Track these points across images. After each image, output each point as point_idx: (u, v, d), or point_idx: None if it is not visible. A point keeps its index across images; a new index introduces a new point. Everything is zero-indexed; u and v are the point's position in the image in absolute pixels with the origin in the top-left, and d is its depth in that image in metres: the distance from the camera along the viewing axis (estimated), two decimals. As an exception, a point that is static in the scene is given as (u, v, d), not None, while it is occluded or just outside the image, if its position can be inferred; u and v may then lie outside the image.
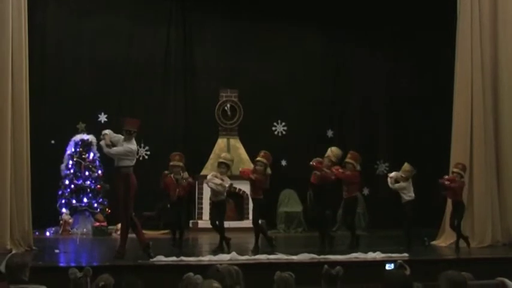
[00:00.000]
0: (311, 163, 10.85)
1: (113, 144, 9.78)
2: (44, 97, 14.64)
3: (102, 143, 9.80)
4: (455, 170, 11.50)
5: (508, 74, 12.29)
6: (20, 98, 10.67)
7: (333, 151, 11.24)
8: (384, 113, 17.12)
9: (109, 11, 15.64)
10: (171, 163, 10.91)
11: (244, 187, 13.68)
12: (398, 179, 11.53)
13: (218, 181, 10.85)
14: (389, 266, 7.43)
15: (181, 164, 10.87)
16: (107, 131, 9.75)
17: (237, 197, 14.80)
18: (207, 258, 9.52)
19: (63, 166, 14.29)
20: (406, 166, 11.56)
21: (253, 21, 16.18)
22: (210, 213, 11.64)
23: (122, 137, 9.75)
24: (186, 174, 11.07)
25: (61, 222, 13.77)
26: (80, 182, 14.17)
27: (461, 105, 12.29)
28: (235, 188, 13.60)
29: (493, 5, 12.35)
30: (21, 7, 10.80)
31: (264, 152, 11.02)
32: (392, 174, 11.74)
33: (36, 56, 13.89)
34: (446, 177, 11.59)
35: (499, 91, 12.34)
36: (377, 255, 10.01)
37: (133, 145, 9.74)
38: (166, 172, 11.00)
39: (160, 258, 9.43)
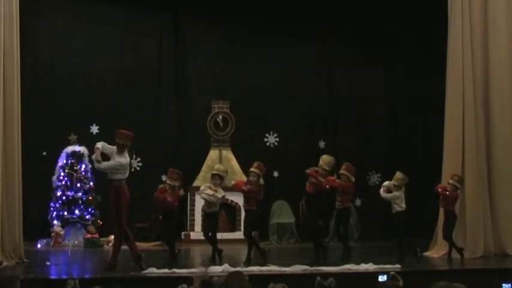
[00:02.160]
0: (306, 171, 10.87)
1: (106, 156, 9.76)
2: (36, 108, 14.57)
3: (93, 157, 9.77)
4: (450, 181, 11.55)
5: (499, 84, 12.34)
6: (12, 109, 10.64)
7: (323, 159, 11.26)
8: (376, 124, 17.13)
9: (101, 22, 15.60)
10: (167, 181, 10.85)
11: (237, 198, 13.66)
12: (391, 189, 11.55)
13: (210, 192, 10.85)
14: (382, 278, 7.41)
15: (177, 183, 10.81)
16: (99, 145, 9.68)
17: (230, 208, 14.77)
18: (199, 270, 9.48)
19: (54, 178, 14.23)
20: (399, 174, 11.60)
21: (245, 33, 16.22)
22: (203, 225, 11.61)
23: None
24: (182, 192, 11.08)
25: (52, 234, 13.69)
26: (72, 193, 14.10)
27: (453, 116, 12.32)
28: (228, 200, 13.57)
29: (484, 15, 12.42)
30: (12, 18, 10.78)
31: (257, 163, 11.08)
32: (385, 183, 11.77)
33: (28, 67, 13.87)
34: (439, 185, 11.65)
35: (490, 101, 12.39)
36: (369, 267, 10.01)
37: (124, 159, 9.69)
38: (162, 186, 11.00)
39: (152, 270, 9.40)
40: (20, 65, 11.00)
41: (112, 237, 11.03)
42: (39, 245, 13.50)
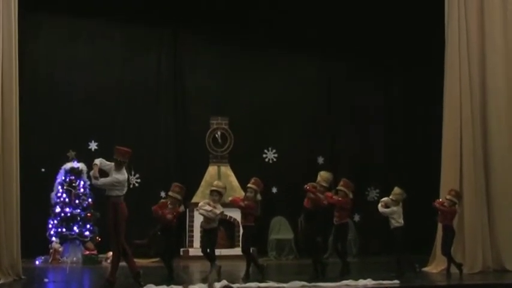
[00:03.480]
0: (305, 186, 10.87)
1: (104, 173, 9.76)
2: (35, 125, 14.60)
3: (91, 173, 9.76)
4: (448, 196, 11.58)
5: (496, 100, 12.38)
6: (10, 126, 10.64)
7: (321, 175, 11.23)
8: (375, 140, 17.17)
9: (101, 37, 15.73)
10: (170, 193, 10.87)
11: (235, 215, 13.67)
12: (389, 204, 11.55)
13: (209, 208, 10.83)
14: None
15: (179, 197, 10.82)
16: (97, 161, 9.68)
17: (228, 224, 14.77)
18: (197, 287, 9.46)
19: (53, 194, 14.25)
20: (396, 190, 11.62)
21: (244, 49, 16.32)
22: (201, 241, 11.59)
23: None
24: (182, 208, 11.05)
25: (51, 250, 13.68)
26: (70, 210, 14.10)
27: (451, 132, 12.35)
28: (226, 216, 13.57)
29: (481, 32, 12.48)
30: (11, 33, 10.79)
31: (254, 178, 11.07)
32: (384, 199, 11.79)
33: (27, 83, 13.86)
34: (437, 201, 11.68)
35: (487, 117, 12.41)
36: (368, 282, 9.98)
37: (122, 175, 9.67)
38: (163, 201, 11.00)
39: (151, 287, 9.37)
40: (18, 80, 11.01)
41: (110, 253, 10.99)
42: (37, 262, 13.48)
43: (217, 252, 11.51)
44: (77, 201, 14.21)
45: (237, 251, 13.16)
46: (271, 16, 15.90)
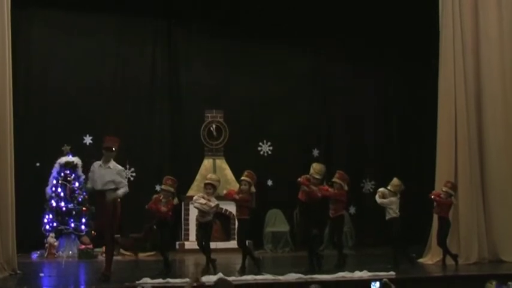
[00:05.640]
0: (298, 179, 10.88)
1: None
2: (29, 119, 14.57)
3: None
4: (444, 188, 11.60)
5: (490, 90, 12.42)
6: (4, 120, 10.61)
7: (314, 168, 11.22)
8: (370, 132, 17.15)
9: (95, 32, 15.63)
10: (162, 186, 10.88)
11: (231, 207, 13.64)
12: (385, 195, 11.57)
13: (203, 201, 10.83)
14: (374, 285, 7.44)
15: (172, 189, 10.81)
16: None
17: (223, 217, 14.76)
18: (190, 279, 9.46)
19: (48, 189, 14.21)
20: (395, 181, 11.66)
21: (240, 41, 16.24)
22: (197, 234, 11.59)
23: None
24: (176, 200, 11.04)
25: (46, 245, 13.65)
26: (66, 204, 14.08)
27: (445, 124, 12.37)
28: (221, 209, 13.56)
29: (475, 22, 12.49)
30: (4, 27, 10.76)
31: (247, 171, 11.05)
32: (381, 189, 11.80)
33: (21, 77, 13.89)
34: (433, 192, 11.71)
35: (482, 108, 12.45)
36: (364, 274, 10.02)
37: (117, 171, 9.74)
38: (156, 196, 11.00)
39: (146, 280, 9.38)
40: (12, 74, 10.98)
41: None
42: (33, 257, 13.47)
43: (213, 245, 11.54)
44: (72, 196, 14.19)
45: (233, 244, 13.15)
46: (267, 9, 15.83)
